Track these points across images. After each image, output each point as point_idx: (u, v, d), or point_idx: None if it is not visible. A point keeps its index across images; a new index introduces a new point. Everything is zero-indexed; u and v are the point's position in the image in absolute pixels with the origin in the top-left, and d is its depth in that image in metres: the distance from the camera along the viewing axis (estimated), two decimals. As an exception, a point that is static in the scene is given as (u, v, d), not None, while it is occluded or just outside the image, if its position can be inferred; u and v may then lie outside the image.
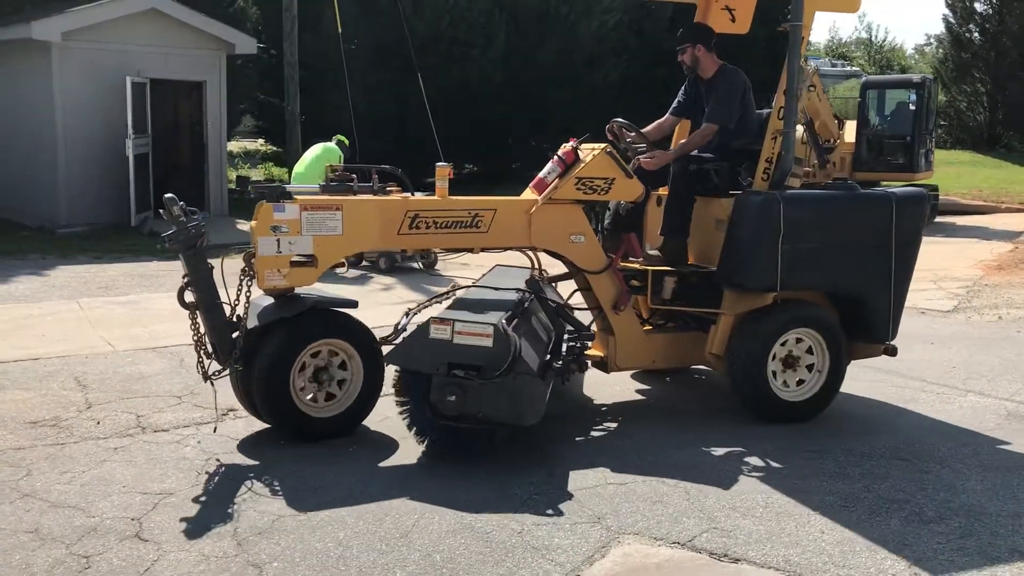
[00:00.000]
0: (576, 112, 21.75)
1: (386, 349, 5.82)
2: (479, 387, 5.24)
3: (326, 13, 18.72)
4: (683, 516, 4.90)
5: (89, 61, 15.28)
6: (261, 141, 31.35)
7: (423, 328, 5.36)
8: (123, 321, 8.37)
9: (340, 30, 14.08)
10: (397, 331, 6.02)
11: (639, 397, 7.02)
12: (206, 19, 16.64)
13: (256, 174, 26.55)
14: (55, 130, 15.28)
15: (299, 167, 12.77)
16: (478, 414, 5.30)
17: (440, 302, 6.46)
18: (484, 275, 6.97)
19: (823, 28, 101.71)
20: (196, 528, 4.63)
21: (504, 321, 5.43)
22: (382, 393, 5.96)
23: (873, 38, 65.11)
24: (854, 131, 18.83)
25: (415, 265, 12.23)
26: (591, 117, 15.96)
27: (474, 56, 21.84)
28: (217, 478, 5.28)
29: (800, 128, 16.32)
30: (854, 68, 51.49)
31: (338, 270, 9.36)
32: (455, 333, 5.28)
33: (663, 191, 6.74)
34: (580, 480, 5.35)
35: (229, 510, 4.84)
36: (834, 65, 25.55)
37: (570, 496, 5.12)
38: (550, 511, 4.92)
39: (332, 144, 13.08)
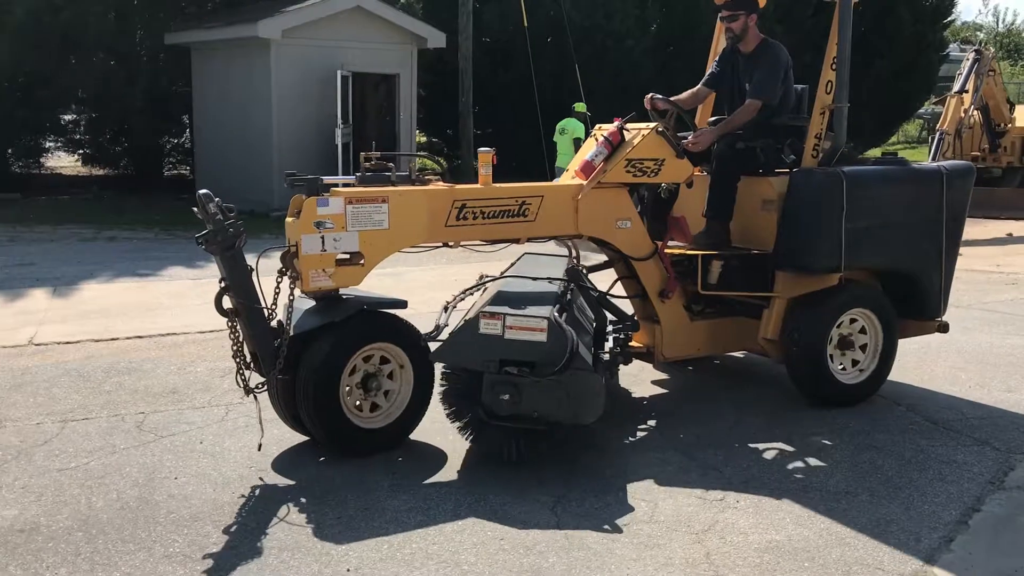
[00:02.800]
0: None
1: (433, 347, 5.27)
2: (534, 385, 4.72)
3: (487, 9, 19.66)
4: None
5: (301, 56, 16.19)
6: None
7: (472, 323, 4.81)
8: (403, 290, 6.68)
9: (526, 24, 14.32)
10: (438, 328, 5.46)
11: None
12: (403, 15, 17.59)
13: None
14: (271, 120, 16.11)
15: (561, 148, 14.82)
16: (533, 414, 4.77)
17: (471, 294, 5.92)
18: (513, 264, 6.44)
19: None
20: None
21: (556, 314, 4.95)
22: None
23: (1001, 21, 60.25)
24: None
25: None
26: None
27: (627, 47, 21.00)
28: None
29: (976, 112, 15.93)
30: (982, 52, 49.99)
31: None
32: (506, 328, 4.76)
33: (696, 171, 6.32)
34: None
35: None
36: (963, 50, 25.44)
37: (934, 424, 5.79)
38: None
39: (573, 119, 14.95)
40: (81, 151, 20.48)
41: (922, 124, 34.33)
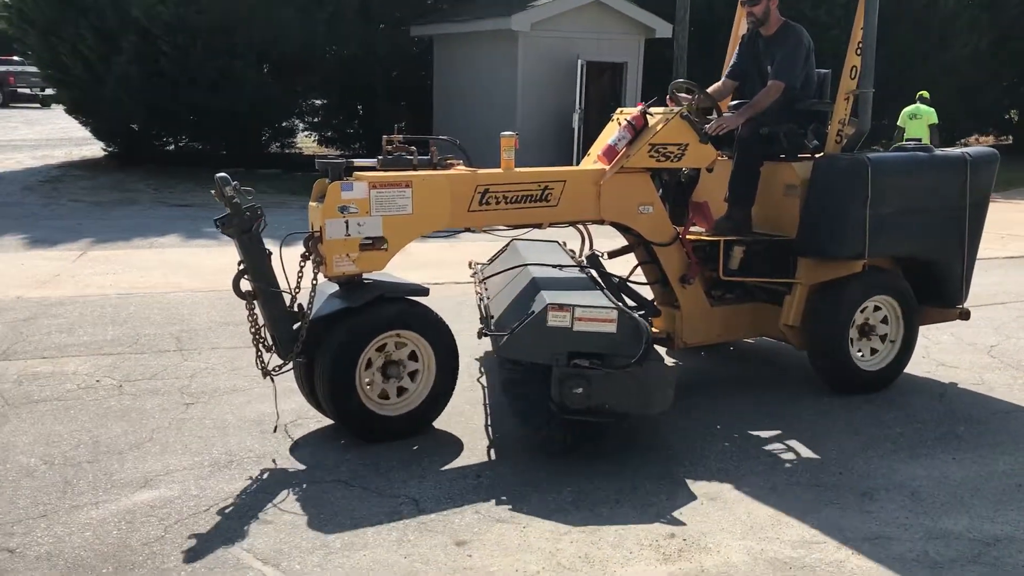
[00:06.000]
0: (925, 87, 18.85)
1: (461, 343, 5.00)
2: (605, 377, 4.39)
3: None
4: None
5: (545, 47, 16.96)
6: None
7: (540, 316, 4.44)
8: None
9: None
10: (487, 321, 5.08)
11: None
12: (635, 7, 17.76)
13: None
14: (515, 105, 16.94)
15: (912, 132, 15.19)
16: (604, 406, 4.43)
17: (480, 285, 5.65)
18: (502, 251, 6.18)
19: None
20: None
21: (622, 305, 4.64)
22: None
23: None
24: None
25: None
26: (942, 94, 17.22)
27: (832, 36, 20.21)
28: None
29: None
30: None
31: None
32: (575, 320, 4.42)
33: (717, 156, 6.03)
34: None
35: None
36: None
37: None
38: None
39: (924, 106, 15.52)
40: (326, 133, 21.47)
41: None
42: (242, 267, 4.65)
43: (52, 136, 23.00)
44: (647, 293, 5.83)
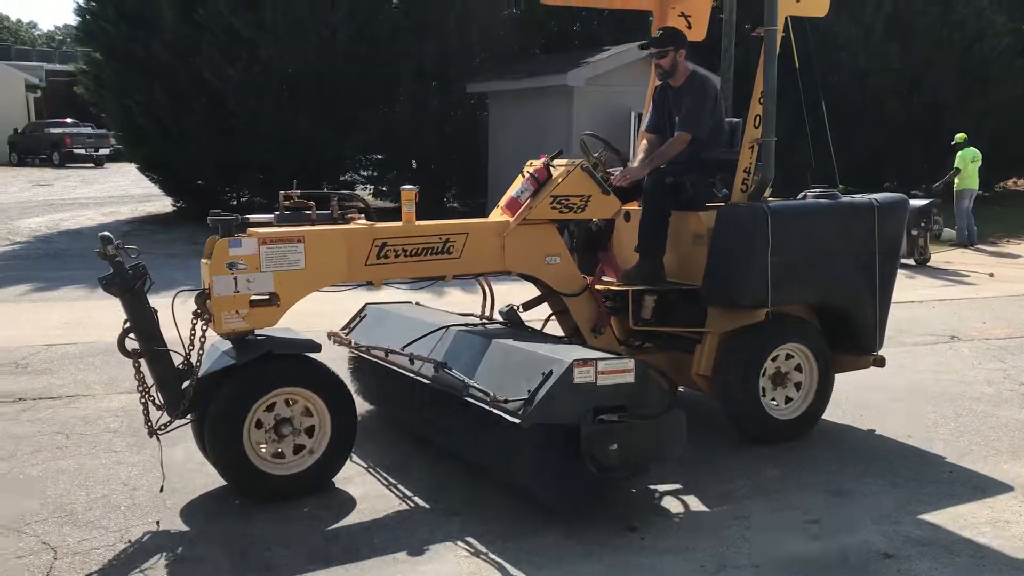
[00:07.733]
0: (964, 132, 18.32)
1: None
2: (629, 428, 4.23)
3: (738, 52, 19.39)
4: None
5: (597, 100, 17.13)
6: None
7: (566, 374, 4.17)
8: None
9: (798, 66, 15.02)
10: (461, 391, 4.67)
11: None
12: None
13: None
14: (569, 155, 16.32)
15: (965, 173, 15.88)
16: (630, 458, 4.29)
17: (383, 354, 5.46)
18: (360, 317, 6.06)
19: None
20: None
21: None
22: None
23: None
24: None
25: (907, 261, 13.04)
26: (982, 137, 17.19)
27: (870, 84, 20.77)
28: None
29: None
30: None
31: None
32: (599, 374, 4.22)
33: (631, 206, 5.91)
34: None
35: None
36: None
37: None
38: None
39: (968, 148, 15.88)
40: (382, 187, 21.33)
41: None
42: (127, 326, 4.61)
43: (112, 194, 23.79)
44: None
